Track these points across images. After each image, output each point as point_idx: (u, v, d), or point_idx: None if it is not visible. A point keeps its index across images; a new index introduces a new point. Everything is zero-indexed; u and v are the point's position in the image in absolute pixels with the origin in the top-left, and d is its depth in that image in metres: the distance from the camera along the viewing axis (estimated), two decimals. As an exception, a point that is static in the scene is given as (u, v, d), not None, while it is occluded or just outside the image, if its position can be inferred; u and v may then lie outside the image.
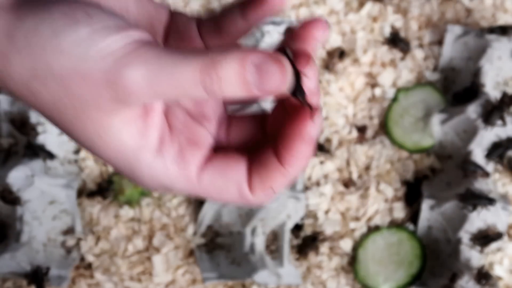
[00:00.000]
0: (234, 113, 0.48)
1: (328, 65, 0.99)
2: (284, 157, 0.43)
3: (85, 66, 0.40)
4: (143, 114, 0.42)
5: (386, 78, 0.99)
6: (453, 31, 0.98)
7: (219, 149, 0.46)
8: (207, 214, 0.93)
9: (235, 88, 0.40)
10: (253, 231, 0.91)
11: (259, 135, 0.47)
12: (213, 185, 0.44)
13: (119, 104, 0.41)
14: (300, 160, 0.43)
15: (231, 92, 0.40)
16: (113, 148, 0.42)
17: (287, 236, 0.92)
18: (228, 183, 0.44)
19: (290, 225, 0.93)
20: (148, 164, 0.43)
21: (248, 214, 0.92)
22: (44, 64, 0.41)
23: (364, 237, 0.94)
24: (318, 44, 0.43)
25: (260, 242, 0.92)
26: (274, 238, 0.94)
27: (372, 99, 0.99)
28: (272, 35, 0.97)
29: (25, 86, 0.42)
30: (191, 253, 0.95)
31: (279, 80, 0.40)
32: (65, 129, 0.43)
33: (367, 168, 0.97)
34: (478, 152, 0.92)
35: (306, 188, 0.95)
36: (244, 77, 0.40)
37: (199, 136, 0.45)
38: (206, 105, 0.46)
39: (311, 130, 0.43)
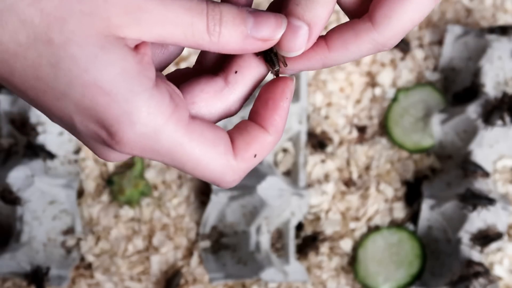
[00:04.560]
0: None
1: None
2: (266, 118, 0.44)
3: None
4: (138, 48, 0.41)
5: (386, 77, 0.99)
6: (453, 31, 0.98)
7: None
8: (211, 214, 0.93)
9: (232, 31, 0.42)
10: (258, 230, 0.92)
11: None
12: (203, 136, 0.42)
13: (128, 20, 0.40)
14: (281, 119, 0.44)
15: (227, 37, 0.42)
16: (116, 63, 0.40)
17: (291, 233, 0.93)
18: (217, 137, 0.43)
19: (294, 222, 0.93)
20: (150, 92, 0.40)
21: (252, 213, 0.92)
22: None
23: (364, 237, 0.94)
24: None
25: (265, 241, 0.92)
26: (279, 236, 0.95)
27: (372, 99, 0.99)
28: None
29: None
30: (191, 253, 0.95)
31: (273, 27, 0.42)
32: (71, 30, 0.40)
33: (367, 168, 0.97)
34: (478, 152, 0.92)
35: (308, 186, 0.95)
36: (242, 17, 0.42)
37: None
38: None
39: (291, 89, 0.44)
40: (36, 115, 0.93)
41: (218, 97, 0.44)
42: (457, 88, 0.98)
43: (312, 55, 0.44)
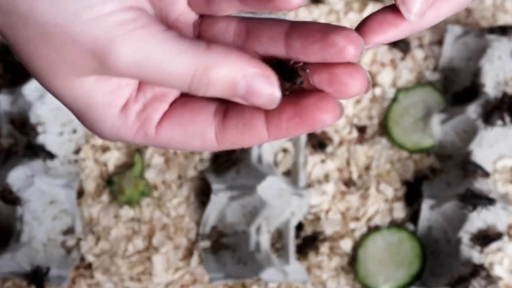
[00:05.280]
0: None
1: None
2: (278, 129, 0.41)
3: (76, 26, 0.38)
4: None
5: (386, 77, 0.99)
6: (453, 31, 0.98)
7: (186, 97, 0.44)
8: (211, 214, 0.93)
9: (220, 93, 0.40)
10: (258, 230, 0.92)
11: None
12: (173, 141, 0.43)
13: (97, 73, 0.40)
14: (288, 136, 0.42)
15: (214, 95, 0.40)
16: (81, 101, 0.42)
17: (292, 233, 0.93)
18: (189, 137, 0.43)
19: (294, 222, 0.93)
20: (112, 121, 0.43)
21: (252, 213, 0.92)
22: (29, 4, 0.38)
23: (364, 237, 0.94)
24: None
25: (265, 241, 0.92)
26: (279, 236, 0.95)
27: (372, 99, 0.99)
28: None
29: (2, 13, 0.39)
30: (191, 253, 0.95)
31: (266, 101, 0.40)
32: (34, 71, 0.41)
33: (367, 168, 0.97)
34: (478, 152, 0.92)
35: (308, 186, 0.95)
36: (233, 88, 0.40)
37: (166, 90, 0.43)
38: None
39: (327, 120, 0.41)
40: (36, 115, 0.93)
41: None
42: (457, 88, 0.98)
43: (401, 22, 0.42)
